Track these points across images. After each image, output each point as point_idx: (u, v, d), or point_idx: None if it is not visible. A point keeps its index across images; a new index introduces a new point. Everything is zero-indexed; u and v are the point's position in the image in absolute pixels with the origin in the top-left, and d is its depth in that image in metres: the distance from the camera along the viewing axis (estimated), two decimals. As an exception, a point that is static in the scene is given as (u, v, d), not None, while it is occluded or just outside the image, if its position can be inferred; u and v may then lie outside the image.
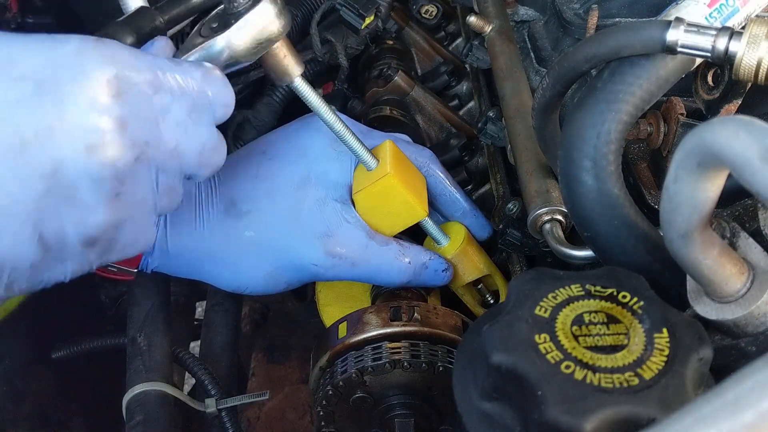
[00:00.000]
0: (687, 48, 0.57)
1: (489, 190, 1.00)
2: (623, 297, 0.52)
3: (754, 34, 0.56)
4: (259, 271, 0.84)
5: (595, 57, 0.61)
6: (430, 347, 0.75)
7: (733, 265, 0.50)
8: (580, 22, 0.86)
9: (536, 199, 0.76)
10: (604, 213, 0.61)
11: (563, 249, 0.72)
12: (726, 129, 0.41)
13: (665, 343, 0.48)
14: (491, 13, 1.00)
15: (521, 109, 0.87)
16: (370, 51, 1.17)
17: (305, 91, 0.77)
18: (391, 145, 0.85)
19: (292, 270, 0.84)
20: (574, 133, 0.62)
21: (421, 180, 0.87)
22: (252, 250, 0.83)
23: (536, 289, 0.52)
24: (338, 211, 0.83)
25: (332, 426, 0.78)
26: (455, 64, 1.16)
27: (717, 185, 0.45)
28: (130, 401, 0.85)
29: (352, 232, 0.82)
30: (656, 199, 0.75)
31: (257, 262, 0.83)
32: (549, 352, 0.48)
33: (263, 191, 0.83)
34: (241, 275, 0.84)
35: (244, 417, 1.08)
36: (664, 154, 0.74)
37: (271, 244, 0.83)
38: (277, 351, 1.19)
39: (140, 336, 0.91)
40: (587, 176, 0.61)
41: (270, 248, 0.83)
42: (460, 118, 1.10)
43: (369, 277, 0.85)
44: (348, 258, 0.82)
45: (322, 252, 0.82)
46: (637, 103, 0.61)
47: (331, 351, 0.77)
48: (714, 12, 0.63)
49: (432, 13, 1.21)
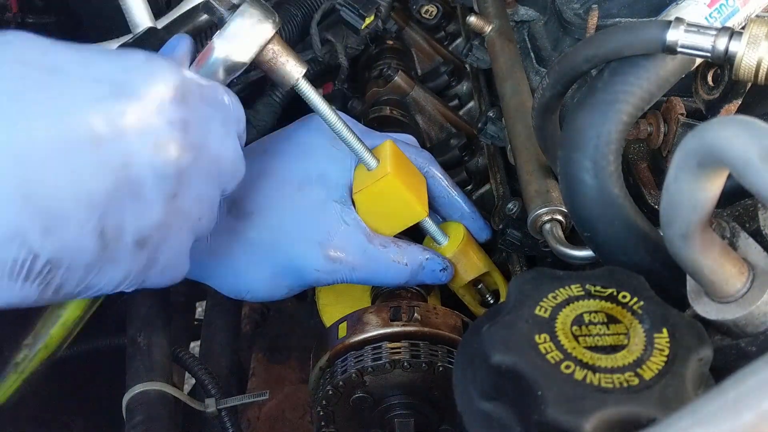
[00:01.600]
0: (687, 48, 0.57)
1: (489, 190, 1.00)
2: (623, 297, 0.52)
3: (754, 34, 0.56)
4: (260, 275, 0.84)
5: (595, 57, 0.61)
6: (430, 347, 0.75)
7: (733, 265, 0.50)
8: (580, 22, 0.86)
9: (536, 199, 0.76)
10: (604, 213, 0.61)
11: (563, 249, 0.72)
12: (726, 129, 0.41)
13: (665, 343, 0.48)
14: (491, 13, 1.00)
15: (521, 109, 0.87)
16: (370, 51, 1.17)
17: (308, 91, 0.77)
18: (392, 146, 0.85)
19: (293, 274, 0.83)
20: (574, 133, 0.62)
21: (421, 180, 0.87)
22: (254, 252, 0.83)
23: (536, 289, 0.52)
24: (338, 213, 0.83)
25: (332, 426, 0.78)
26: (455, 64, 1.16)
27: (717, 185, 0.45)
28: (130, 401, 0.85)
29: (351, 235, 0.82)
30: (656, 199, 0.75)
31: (259, 265, 0.83)
32: (549, 352, 0.48)
33: (265, 191, 0.84)
34: (242, 278, 0.84)
35: (244, 417, 1.08)
36: (664, 154, 0.74)
37: (273, 246, 0.83)
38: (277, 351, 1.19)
39: (140, 336, 0.91)
40: (587, 176, 0.61)
41: (272, 250, 0.83)
42: (460, 118, 1.10)
43: (367, 279, 0.85)
44: (348, 262, 0.82)
45: (322, 256, 0.82)
46: (637, 104, 0.61)
47: (331, 351, 0.77)
48: (714, 12, 0.63)
49: (432, 13, 1.22)
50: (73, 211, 0.56)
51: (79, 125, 0.56)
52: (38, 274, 0.57)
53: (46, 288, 0.58)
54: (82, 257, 0.58)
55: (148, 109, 0.59)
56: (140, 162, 0.59)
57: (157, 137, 0.60)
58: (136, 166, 0.59)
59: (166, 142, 0.61)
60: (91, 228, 0.58)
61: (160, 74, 0.61)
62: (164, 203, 0.62)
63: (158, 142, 0.60)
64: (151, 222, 0.62)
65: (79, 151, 0.56)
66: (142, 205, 0.60)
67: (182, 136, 0.62)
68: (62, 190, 0.55)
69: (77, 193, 0.56)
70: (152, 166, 0.60)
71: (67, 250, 0.57)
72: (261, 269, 0.84)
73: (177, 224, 0.64)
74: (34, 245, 0.55)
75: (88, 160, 0.56)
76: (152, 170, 0.60)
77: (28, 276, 0.56)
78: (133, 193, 0.59)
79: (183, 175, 0.63)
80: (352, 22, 1.11)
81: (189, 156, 0.63)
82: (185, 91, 0.63)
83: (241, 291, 0.85)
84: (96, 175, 0.57)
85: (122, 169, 0.58)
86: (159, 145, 0.60)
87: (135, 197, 0.60)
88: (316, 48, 1.12)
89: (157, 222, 0.62)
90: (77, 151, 0.56)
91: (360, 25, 1.11)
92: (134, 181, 0.59)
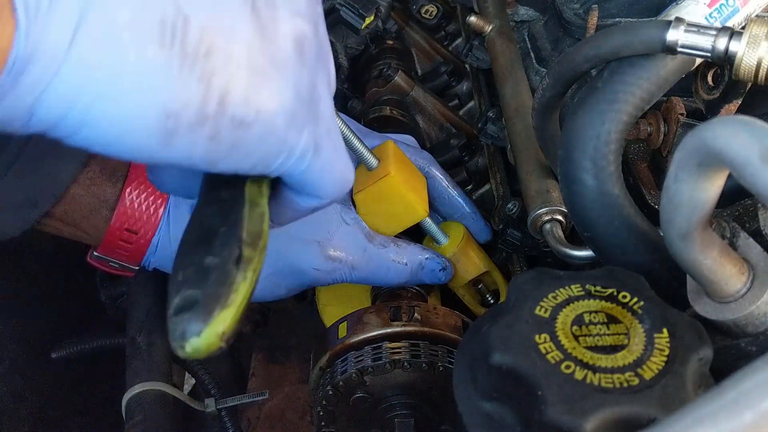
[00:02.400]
0: (687, 48, 0.57)
1: (489, 190, 1.00)
2: (623, 297, 0.52)
3: (754, 34, 0.56)
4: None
5: (595, 57, 0.61)
6: (431, 347, 0.75)
7: (733, 265, 0.50)
8: (580, 22, 0.86)
9: (536, 199, 0.76)
10: (604, 213, 0.61)
11: (563, 249, 0.72)
12: (726, 129, 0.41)
13: (665, 343, 0.48)
14: (491, 13, 1.00)
15: (521, 109, 0.87)
16: (370, 51, 1.16)
17: None
18: (393, 146, 0.85)
19: (292, 274, 0.83)
20: (574, 133, 0.62)
21: (421, 180, 0.87)
22: None
23: (536, 289, 0.52)
24: (337, 213, 0.83)
25: (332, 426, 0.78)
26: (455, 64, 1.16)
27: (717, 185, 0.45)
28: (129, 401, 0.85)
29: (351, 235, 0.82)
30: (656, 199, 0.75)
31: None
32: (549, 352, 0.48)
33: None
34: None
35: (244, 417, 1.08)
36: (664, 154, 0.74)
37: (272, 245, 0.83)
38: (277, 351, 1.19)
39: (139, 336, 0.91)
40: (587, 176, 0.61)
41: (270, 251, 0.83)
42: (460, 118, 1.10)
43: (367, 279, 0.85)
44: (347, 262, 0.82)
45: (321, 256, 0.82)
46: (637, 104, 0.61)
47: (331, 351, 0.77)
48: (714, 12, 0.63)
49: (432, 13, 1.21)
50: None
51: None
52: (193, 53, 0.43)
53: (208, 88, 0.44)
54: (241, 32, 0.46)
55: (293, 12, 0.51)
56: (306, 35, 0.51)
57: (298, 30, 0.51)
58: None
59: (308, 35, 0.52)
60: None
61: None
62: (315, 64, 0.53)
63: (300, 35, 0.51)
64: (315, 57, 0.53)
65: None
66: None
67: (314, 36, 0.53)
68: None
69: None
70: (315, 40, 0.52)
71: (222, 30, 0.45)
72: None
73: (324, 95, 0.55)
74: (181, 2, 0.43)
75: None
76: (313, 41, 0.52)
77: (183, 51, 0.43)
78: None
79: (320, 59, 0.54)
80: (352, 22, 1.11)
81: (316, 52, 0.53)
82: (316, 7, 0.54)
83: None
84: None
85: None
86: (300, 39, 0.51)
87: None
88: (316, 48, 1.12)
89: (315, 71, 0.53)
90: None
91: (360, 25, 1.11)
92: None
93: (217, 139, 0.46)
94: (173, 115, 0.44)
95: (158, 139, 0.45)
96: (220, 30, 0.45)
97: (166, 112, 0.44)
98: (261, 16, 0.48)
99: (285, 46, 0.50)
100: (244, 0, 0.47)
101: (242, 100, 0.46)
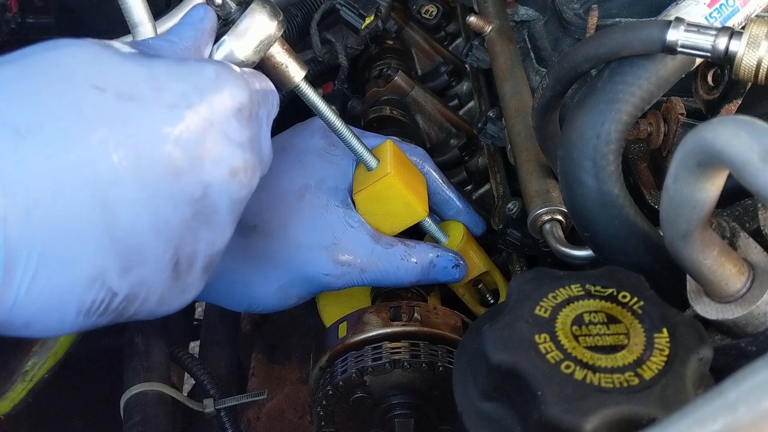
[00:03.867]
0: (687, 48, 0.57)
1: (489, 190, 1.00)
2: (623, 297, 0.52)
3: (754, 34, 0.56)
4: (269, 287, 0.83)
5: (595, 57, 0.61)
6: (430, 347, 0.75)
7: (733, 265, 0.50)
8: (580, 22, 0.86)
9: (536, 199, 0.76)
10: (604, 213, 0.61)
11: (563, 249, 0.72)
12: (726, 129, 0.41)
13: (665, 343, 0.48)
14: (491, 13, 1.00)
15: (521, 109, 0.87)
16: (370, 51, 1.17)
17: (308, 93, 0.77)
18: (392, 146, 0.85)
19: (303, 282, 0.83)
20: (574, 133, 0.62)
21: (421, 180, 0.87)
22: (261, 265, 0.82)
23: (536, 289, 0.52)
24: (341, 217, 0.82)
25: (332, 426, 0.78)
26: (455, 64, 1.16)
27: (717, 185, 0.45)
28: (128, 401, 0.85)
29: (358, 237, 0.82)
30: (656, 199, 0.75)
31: (267, 277, 0.82)
32: (549, 352, 0.48)
33: (266, 203, 0.83)
34: (251, 292, 0.83)
35: (244, 417, 1.08)
36: (664, 154, 0.74)
37: (279, 256, 0.82)
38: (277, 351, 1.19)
39: (138, 336, 0.91)
40: (587, 176, 0.61)
41: (278, 261, 0.82)
42: (460, 118, 1.10)
43: (378, 280, 0.84)
44: (356, 265, 0.82)
45: (330, 261, 0.81)
46: (637, 104, 0.61)
47: (331, 351, 0.77)
48: (714, 12, 0.63)
49: (432, 13, 1.22)
50: (152, 246, 0.55)
51: (160, 157, 0.54)
52: (114, 310, 0.55)
53: (116, 319, 0.57)
54: (157, 289, 0.57)
55: (223, 135, 0.58)
56: (218, 190, 0.58)
57: (231, 163, 0.58)
58: (213, 195, 0.58)
59: (240, 167, 0.59)
60: (168, 260, 0.56)
61: (231, 93, 0.59)
62: (232, 225, 0.61)
63: (233, 168, 0.58)
64: (220, 247, 0.61)
65: (159, 184, 0.54)
66: (214, 231, 0.59)
67: (251, 156, 0.60)
68: (142, 226, 0.54)
69: (156, 227, 0.54)
70: (228, 193, 0.59)
71: (143, 285, 0.56)
72: (270, 281, 0.82)
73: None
74: (113, 284, 0.54)
75: (168, 192, 0.55)
76: (228, 197, 0.59)
77: (104, 313, 0.55)
78: (208, 221, 0.58)
79: (249, 196, 0.62)
80: (352, 22, 1.11)
81: (258, 173, 0.62)
82: (252, 105, 0.61)
83: (251, 305, 0.84)
84: (175, 207, 0.55)
85: (201, 200, 0.57)
86: (234, 170, 0.59)
87: (209, 224, 0.59)
88: (316, 48, 1.12)
89: (224, 245, 0.61)
90: (158, 183, 0.54)
91: (360, 25, 1.11)
92: (210, 208, 0.58)
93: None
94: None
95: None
96: (143, 288, 0.56)
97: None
98: (180, 267, 0.58)
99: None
100: (170, 260, 0.57)
101: (144, 316, 0.59)
